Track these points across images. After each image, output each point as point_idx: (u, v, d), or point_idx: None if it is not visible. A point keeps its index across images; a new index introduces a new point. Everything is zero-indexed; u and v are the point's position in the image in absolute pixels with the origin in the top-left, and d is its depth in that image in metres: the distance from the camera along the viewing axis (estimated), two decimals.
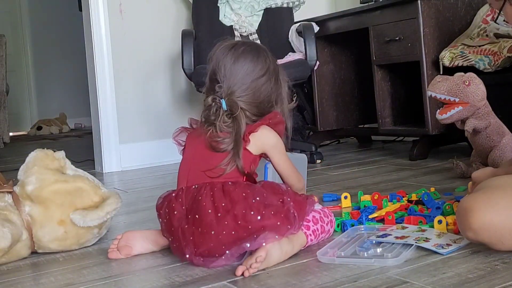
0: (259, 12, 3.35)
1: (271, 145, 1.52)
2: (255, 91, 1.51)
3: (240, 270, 1.34)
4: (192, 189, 1.45)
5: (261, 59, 1.54)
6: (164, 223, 1.49)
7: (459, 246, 1.40)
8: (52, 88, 7.53)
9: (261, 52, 1.56)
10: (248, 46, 1.57)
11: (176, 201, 1.45)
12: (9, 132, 5.72)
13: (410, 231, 1.52)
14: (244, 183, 1.44)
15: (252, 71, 1.52)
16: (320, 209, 1.56)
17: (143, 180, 2.95)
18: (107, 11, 3.29)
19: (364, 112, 3.57)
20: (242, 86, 1.51)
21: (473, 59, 2.60)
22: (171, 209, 1.45)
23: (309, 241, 1.49)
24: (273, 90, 1.55)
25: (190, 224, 1.41)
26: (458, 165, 2.29)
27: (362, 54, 3.36)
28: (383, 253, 1.38)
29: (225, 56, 1.53)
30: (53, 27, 7.42)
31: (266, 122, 1.51)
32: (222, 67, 1.51)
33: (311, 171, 2.68)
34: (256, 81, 1.52)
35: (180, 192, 1.46)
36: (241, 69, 1.51)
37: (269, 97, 1.54)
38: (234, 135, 1.46)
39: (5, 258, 1.57)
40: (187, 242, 1.41)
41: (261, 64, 1.53)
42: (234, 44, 1.56)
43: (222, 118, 1.47)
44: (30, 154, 1.73)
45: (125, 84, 3.35)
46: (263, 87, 1.53)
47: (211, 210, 1.39)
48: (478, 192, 1.36)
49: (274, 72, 1.56)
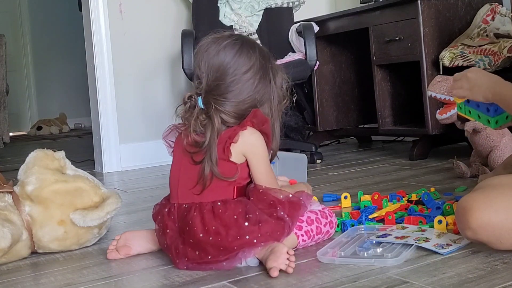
0: (259, 12, 3.35)
1: (251, 146, 1.41)
2: (235, 89, 1.41)
3: (275, 271, 1.30)
4: (183, 207, 1.41)
5: (244, 55, 1.42)
6: (159, 236, 1.48)
7: (459, 246, 1.40)
8: (52, 88, 7.53)
9: (245, 46, 1.44)
10: (233, 39, 1.44)
11: (168, 218, 1.43)
12: (9, 132, 5.71)
13: (410, 231, 1.52)
14: (234, 201, 1.39)
15: (233, 68, 1.41)
16: (318, 210, 1.53)
17: (143, 180, 2.95)
18: (107, 11, 3.29)
19: (364, 112, 3.56)
20: (220, 83, 1.41)
21: (473, 59, 2.60)
22: (165, 227, 1.43)
23: (300, 241, 1.46)
24: (257, 89, 1.43)
25: (185, 244, 1.39)
26: (458, 165, 2.29)
27: (362, 54, 3.36)
28: (383, 253, 1.38)
29: (206, 50, 1.43)
30: (53, 27, 7.43)
31: (248, 124, 1.40)
32: (202, 62, 1.43)
33: (311, 171, 2.68)
34: (237, 79, 1.41)
35: (172, 209, 1.43)
36: (220, 65, 1.41)
37: (252, 97, 1.43)
38: (208, 137, 1.38)
39: (5, 258, 1.57)
40: (180, 258, 1.40)
41: (244, 60, 1.42)
42: (218, 38, 1.45)
43: (197, 117, 1.40)
44: (30, 154, 1.73)
45: (125, 84, 3.35)
46: (245, 86, 1.42)
47: (202, 234, 1.36)
48: (477, 192, 1.36)
49: (261, 69, 1.44)
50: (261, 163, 1.43)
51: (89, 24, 3.29)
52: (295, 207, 1.43)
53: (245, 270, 1.37)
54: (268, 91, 1.46)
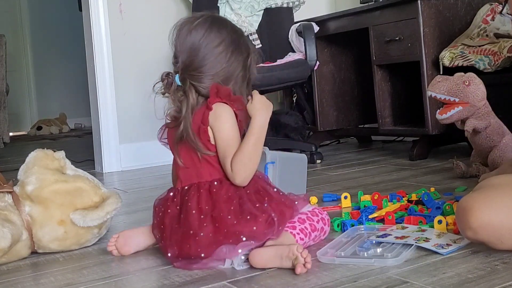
0: (259, 12, 3.34)
1: (219, 117, 1.44)
2: (209, 63, 1.46)
3: (299, 267, 1.30)
4: (184, 190, 1.47)
5: (215, 30, 1.48)
6: (156, 220, 1.50)
7: (459, 246, 1.40)
8: (52, 88, 7.53)
9: (216, 23, 1.50)
10: (204, 18, 1.50)
11: (172, 201, 1.48)
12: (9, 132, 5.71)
13: (410, 231, 1.52)
14: (229, 182, 1.44)
15: (204, 43, 1.46)
16: (308, 211, 1.53)
17: (143, 180, 2.95)
18: (107, 11, 3.29)
19: (364, 112, 3.57)
20: (194, 59, 1.47)
21: (473, 59, 2.60)
22: (166, 208, 1.47)
23: (298, 239, 1.45)
24: (231, 61, 1.48)
25: (180, 224, 1.42)
26: (458, 165, 2.29)
27: (362, 54, 3.36)
28: (383, 253, 1.38)
29: (180, 30, 1.50)
30: (53, 27, 7.43)
31: (214, 101, 1.44)
32: (177, 42, 1.50)
33: (311, 171, 2.68)
34: (209, 53, 1.46)
35: (176, 192, 1.49)
36: (193, 42, 1.47)
37: (226, 69, 1.48)
38: (184, 111, 1.45)
39: (5, 258, 1.57)
40: (171, 242, 1.42)
41: (215, 35, 1.47)
42: (190, 17, 1.53)
43: (175, 92, 1.49)
44: (30, 154, 1.73)
45: (125, 84, 3.35)
46: (218, 59, 1.47)
47: (195, 211, 1.41)
48: (477, 191, 1.36)
49: (232, 43, 1.49)
50: (222, 136, 1.44)
51: (89, 24, 3.29)
52: (284, 208, 1.45)
53: (245, 270, 1.37)
54: (241, 64, 1.50)
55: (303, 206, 1.53)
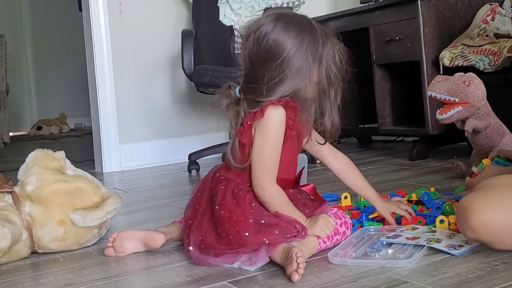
0: (259, 12, 3.34)
1: (266, 121, 1.38)
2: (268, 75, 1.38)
3: (295, 275, 1.27)
4: (220, 178, 1.47)
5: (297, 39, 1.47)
6: (193, 198, 1.51)
7: (471, 247, 1.38)
8: (52, 88, 7.53)
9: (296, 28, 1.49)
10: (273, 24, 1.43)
11: (208, 183, 1.48)
12: (9, 132, 5.71)
13: (421, 232, 1.50)
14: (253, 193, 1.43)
15: (265, 55, 1.39)
16: (331, 213, 1.51)
17: (143, 180, 2.95)
18: (107, 11, 3.29)
19: (364, 112, 3.56)
20: (251, 70, 1.41)
21: (473, 59, 2.60)
22: (204, 188, 1.48)
23: (321, 243, 1.43)
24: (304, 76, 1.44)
25: (209, 211, 1.43)
26: (458, 165, 2.29)
27: (362, 54, 3.36)
28: (395, 254, 1.37)
29: (247, 38, 1.42)
30: (53, 27, 7.42)
31: (270, 103, 1.38)
32: (243, 51, 1.43)
33: (311, 171, 2.68)
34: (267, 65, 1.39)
35: (216, 175, 1.49)
36: (250, 55, 1.40)
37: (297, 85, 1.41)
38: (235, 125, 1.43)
39: (5, 258, 1.57)
40: (197, 227, 1.42)
41: (281, 46, 1.40)
42: (260, 23, 1.42)
43: (233, 106, 1.43)
44: (30, 154, 1.73)
45: (125, 84, 3.35)
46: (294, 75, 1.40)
47: (218, 206, 1.41)
48: (477, 192, 1.36)
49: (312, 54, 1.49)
50: (261, 140, 1.40)
51: (89, 24, 3.29)
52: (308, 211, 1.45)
53: (245, 270, 1.37)
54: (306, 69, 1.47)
55: (325, 209, 1.51)
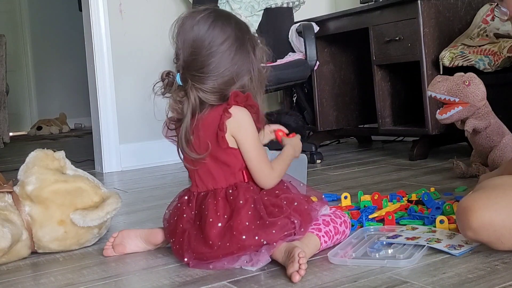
0: (259, 12, 3.35)
1: (242, 126, 1.39)
2: (212, 62, 1.38)
3: (296, 276, 1.26)
4: (201, 195, 1.43)
5: (218, 26, 1.39)
6: (170, 224, 1.47)
7: (471, 247, 1.38)
8: (52, 88, 7.53)
9: (220, 18, 1.41)
10: (207, 13, 1.41)
11: (187, 205, 1.44)
12: (9, 132, 5.71)
13: (421, 232, 1.50)
14: (245, 187, 1.41)
15: (207, 40, 1.38)
16: (331, 212, 1.50)
17: (143, 180, 2.95)
18: (107, 11, 3.29)
19: (364, 112, 3.57)
20: (196, 57, 1.39)
21: (473, 59, 2.60)
22: (181, 212, 1.44)
23: (322, 242, 1.43)
24: (235, 61, 1.40)
25: (197, 231, 1.40)
26: (458, 165, 2.29)
27: (362, 54, 3.36)
28: (395, 254, 1.37)
29: (182, 25, 1.42)
30: (53, 27, 7.43)
31: (232, 103, 1.38)
32: (178, 38, 1.42)
33: (311, 171, 2.68)
34: (213, 51, 1.38)
35: (192, 197, 1.45)
36: (195, 39, 1.39)
37: (230, 69, 1.40)
38: (185, 113, 1.40)
39: (5, 258, 1.57)
40: (188, 247, 1.40)
41: (219, 32, 1.39)
42: (193, 12, 1.43)
43: (175, 92, 1.43)
44: (30, 154, 1.73)
45: (125, 84, 3.35)
46: (222, 58, 1.39)
47: (212, 219, 1.37)
48: (477, 192, 1.36)
49: (237, 40, 1.41)
50: (250, 143, 1.41)
51: (89, 24, 3.29)
52: (304, 214, 1.42)
53: (245, 270, 1.37)
54: (247, 63, 1.43)
55: (322, 207, 1.50)
